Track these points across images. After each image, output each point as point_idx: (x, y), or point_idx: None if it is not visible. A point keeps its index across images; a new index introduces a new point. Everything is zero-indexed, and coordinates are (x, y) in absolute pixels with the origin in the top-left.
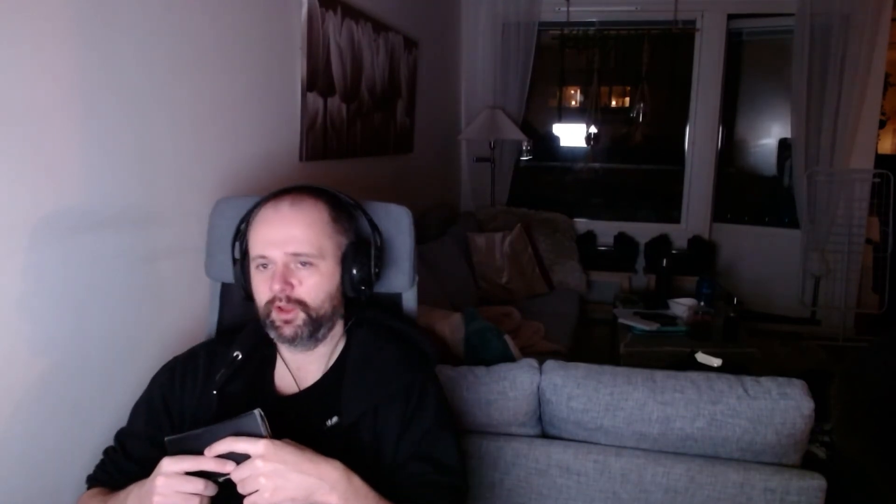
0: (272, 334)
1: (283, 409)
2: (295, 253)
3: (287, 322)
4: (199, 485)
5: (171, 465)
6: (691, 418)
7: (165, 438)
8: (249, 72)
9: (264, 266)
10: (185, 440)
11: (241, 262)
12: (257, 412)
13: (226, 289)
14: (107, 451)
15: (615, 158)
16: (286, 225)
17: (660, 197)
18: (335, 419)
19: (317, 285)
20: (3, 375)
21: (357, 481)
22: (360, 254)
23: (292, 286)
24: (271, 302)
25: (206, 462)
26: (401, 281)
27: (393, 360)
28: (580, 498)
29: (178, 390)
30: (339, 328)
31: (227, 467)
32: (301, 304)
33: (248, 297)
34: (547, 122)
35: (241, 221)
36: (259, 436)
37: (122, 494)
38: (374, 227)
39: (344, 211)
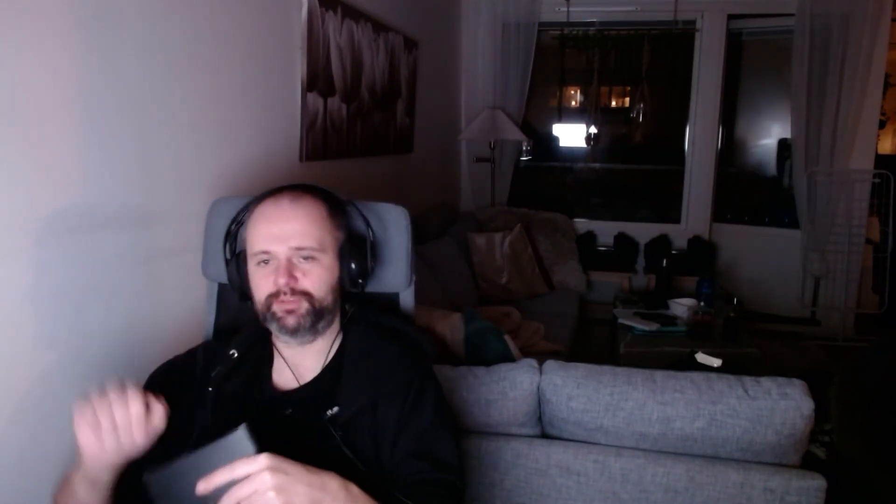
0: (273, 327)
1: (282, 406)
2: (298, 247)
3: (290, 312)
4: None
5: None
6: (691, 418)
7: (144, 476)
8: (249, 72)
9: (265, 262)
10: (169, 475)
11: (236, 261)
12: (242, 428)
13: (223, 289)
14: None
15: (615, 158)
16: (288, 220)
17: (660, 197)
18: (335, 409)
19: (320, 277)
20: (3, 375)
21: (355, 489)
22: (357, 248)
23: (297, 279)
24: (274, 295)
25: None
26: (398, 281)
27: (392, 357)
28: (580, 498)
29: (176, 390)
30: (336, 323)
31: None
32: (306, 294)
33: (244, 296)
34: (547, 122)
35: (232, 223)
36: (249, 454)
37: (71, 481)
38: (367, 222)
39: (338, 208)
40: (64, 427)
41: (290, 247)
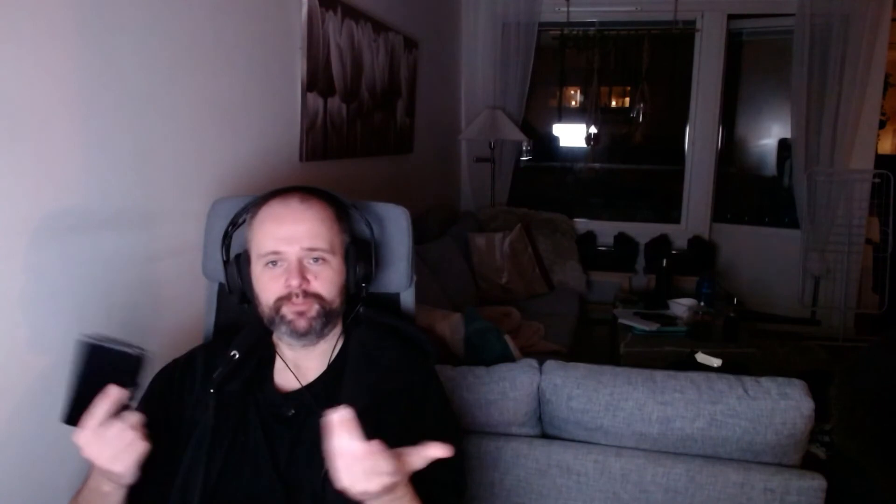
0: (282, 329)
1: (284, 406)
2: (310, 248)
3: (301, 314)
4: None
5: (82, 435)
6: (691, 418)
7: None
8: (249, 72)
9: (274, 263)
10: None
11: (237, 263)
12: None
13: (223, 289)
14: None
15: (615, 158)
16: (299, 221)
17: (660, 197)
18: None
19: (330, 279)
20: (2, 375)
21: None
22: (362, 252)
23: (308, 281)
24: (284, 298)
25: (100, 405)
26: (399, 281)
27: (393, 357)
28: (580, 498)
29: (177, 392)
30: (338, 324)
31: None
32: (317, 297)
33: (244, 299)
34: (547, 122)
35: (230, 225)
36: (133, 374)
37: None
38: (370, 226)
39: (343, 211)
40: (63, 427)
41: (301, 247)
